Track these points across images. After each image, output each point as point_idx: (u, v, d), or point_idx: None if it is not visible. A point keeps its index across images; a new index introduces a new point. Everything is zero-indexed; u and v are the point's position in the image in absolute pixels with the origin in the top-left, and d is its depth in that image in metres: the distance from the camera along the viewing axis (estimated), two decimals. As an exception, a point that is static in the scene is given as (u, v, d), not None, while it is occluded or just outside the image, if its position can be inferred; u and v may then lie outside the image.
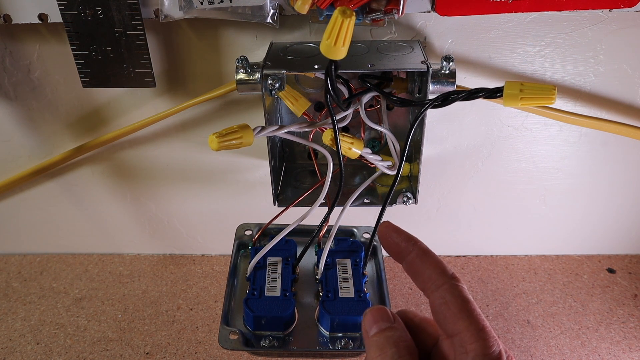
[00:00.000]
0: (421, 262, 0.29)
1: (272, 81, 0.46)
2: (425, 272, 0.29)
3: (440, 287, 0.28)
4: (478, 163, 0.62)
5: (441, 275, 0.28)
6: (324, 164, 0.50)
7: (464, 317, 0.26)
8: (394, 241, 0.30)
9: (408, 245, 0.30)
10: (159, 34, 0.52)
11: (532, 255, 0.72)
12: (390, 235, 0.31)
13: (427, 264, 0.29)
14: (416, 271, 0.29)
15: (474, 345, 0.26)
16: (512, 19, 0.50)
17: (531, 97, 0.39)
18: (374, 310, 0.30)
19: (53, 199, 0.66)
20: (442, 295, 0.28)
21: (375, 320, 0.29)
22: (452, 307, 0.27)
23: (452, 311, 0.27)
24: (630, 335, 0.60)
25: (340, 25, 0.34)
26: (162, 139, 0.60)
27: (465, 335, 0.26)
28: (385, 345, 0.28)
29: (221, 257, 0.72)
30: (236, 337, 0.43)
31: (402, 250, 0.30)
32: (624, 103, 0.56)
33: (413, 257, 0.29)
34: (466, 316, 0.27)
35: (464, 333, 0.26)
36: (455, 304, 0.27)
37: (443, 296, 0.28)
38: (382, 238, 0.31)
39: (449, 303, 0.27)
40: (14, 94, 0.57)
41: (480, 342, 0.26)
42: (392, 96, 0.47)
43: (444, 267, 0.29)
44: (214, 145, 0.40)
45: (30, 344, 0.59)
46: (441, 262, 0.29)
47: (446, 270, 0.28)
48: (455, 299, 0.27)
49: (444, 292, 0.28)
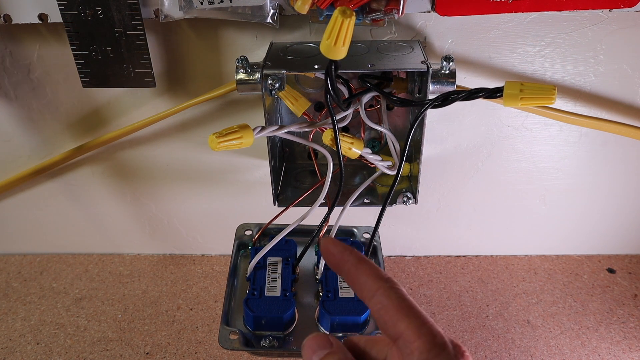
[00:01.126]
0: (356, 270, 0.29)
1: (272, 81, 0.46)
2: (361, 280, 0.28)
3: (376, 292, 0.27)
4: (478, 163, 0.62)
5: (376, 281, 0.28)
6: (324, 164, 0.50)
7: (403, 317, 0.26)
8: (331, 253, 0.30)
9: (344, 255, 0.29)
10: (159, 34, 0.52)
11: (532, 255, 0.72)
12: (328, 248, 0.30)
13: (361, 271, 0.28)
14: (353, 280, 0.29)
15: (417, 342, 0.25)
16: (512, 19, 0.50)
17: (531, 97, 0.39)
18: (310, 340, 0.29)
19: (53, 199, 0.66)
20: (379, 301, 0.27)
21: (314, 350, 0.29)
22: (390, 310, 0.26)
23: (390, 314, 0.26)
24: (630, 335, 0.60)
25: (340, 25, 0.34)
26: (162, 139, 0.60)
27: (407, 335, 0.26)
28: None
29: (221, 257, 0.72)
30: (236, 337, 0.43)
31: (339, 262, 0.30)
32: (624, 103, 0.56)
33: (349, 267, 0.29)
34: (405, 315, 0.26)
35: (405, 333, 0.26)
36: (393, 306, 0.26)
37: (380, 301, 0.27)
38: (322, 252, 0.31)
39: (386, 307, 0.27)
40: (14, 94, 0.57)
41: (423, 338, 0.25)
42: (392, 96, 0.47)
43: (379, 271, 0.28)
44: (213, 145, 0.40)
45: (30, 344, 0.59)
46: (376, 268, 0.28)
47: (380, 275, 0.28)
48: (392, 301, 0.27)
49: (380, 297, 0.27)
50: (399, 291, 0.27)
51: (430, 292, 0.66)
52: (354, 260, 0.29)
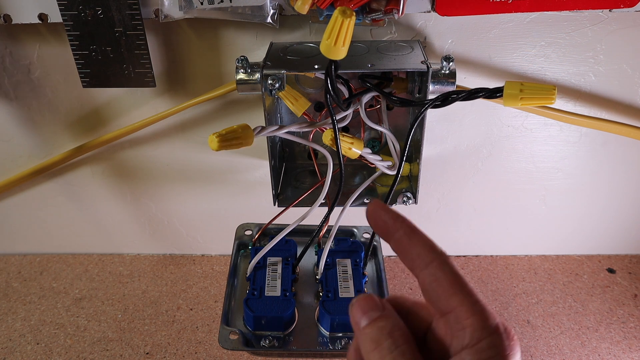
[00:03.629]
0: (409, 240, 0.27)
1: (272, 81, 0.46)
2: (414, 250, 0.27)
3: (430, 264, 0.26)
4: (478, 163, 0.62)
5: (430, 252, 0.26)
6: (324, 164, 0.50)
7: (457, 292, 0.25)
8: (381, 219, 0.28)
9: (396, 223, 0.28)
10: (159, 34, 0.52)
11: (532, 255, 0.72)
12: (378, 214, 0.29)
13: (415, 242, 0.27)
14: (404, 250, 0.28)
15: (471, 319, 0.24)
16: (512, 19, 0.50)
17: (531, 97, 0.39)
18: (360, 300, 0.28)
19: (53, 199, 0.66)
20: (433, 273, 0.26)
21: (364, 311, 0.27)
22: (444, 283, 0.25)
23: (444, 287, 0.25)
24: (630, 335, 0.60)
25: (340, 25, 0.34)
26: (162, 139, 0.60)
27: (460, 310, 0.25)
28: (380, 337, 0.26)
29: (221, 257, 0.72)
30: (236, 337, 0.43)
31: (389, 229, 0.28)
32: (624, 103, 0.56)
33: (401, 235, 0.28)
34: (459, 291, 0.25)
35: (458, 309, 0.25)
36: (447, 280, 0.25)
37: (433, 273, 0.26)
38: (370, 217, 0.29)
39: (440, 280, 0.26)
40: (14, 94, 0.57)
41: (477, 316, 0.24)
42: (392, 96, 0.47)
43: (433, 244, 0.27)
44: (214, 145, 0.40)
45: (30, 344, 0.59)
46: (430, 240, 0.27)
47: (435, 247, 0.27)
48: (447, 275, 0.26)
49: (434, 269, 0.26)
50: (453, 266, 0.26)
51: (430, 292, 0.66)
52: (406, 229, 0.28)
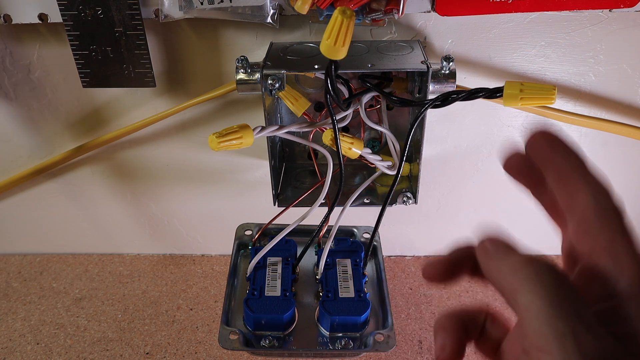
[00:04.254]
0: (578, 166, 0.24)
1: (272, 81, 0.46)
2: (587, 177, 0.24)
3: (603, 191, 0.24)
4: (478, 163, 0.62)
5: (602, 179, 0.24)
6: (324, 164, 0.50)
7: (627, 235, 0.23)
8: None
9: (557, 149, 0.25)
10: (159, 34, 0.52)
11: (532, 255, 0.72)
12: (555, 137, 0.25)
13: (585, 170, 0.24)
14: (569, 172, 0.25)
15: (634, 269, 0.22)
16: (512, 19, 0.50)
17: (531, 97, 0.39)
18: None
19: (53, 199, 0.66)
20: (604, 200, 0.25)
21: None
22: (614, 218, 0.24)
23: (614, 224, 0.24)
24: (630, 335, 0.60)
25: (340, 25, 0.34)
26: (162, 139, 0.60)
27: (625, 256, 0.22)
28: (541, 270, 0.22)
29: (221, 257, 0.72)
30: (236, 337, 0.43)
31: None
32: (624, 103, 0.56)
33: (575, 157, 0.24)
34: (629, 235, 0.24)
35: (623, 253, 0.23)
36: (618, 215, 0.25)
37: (604, 201, 0.25)
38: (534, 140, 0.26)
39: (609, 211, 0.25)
40: (14, 94, 0.57)
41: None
42: (392, 96, 0.47)
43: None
44: (213, 145, 0.40)
45: (30, 344, 0.59)
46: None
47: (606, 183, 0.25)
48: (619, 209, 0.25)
49: (606, 201, 0.25)
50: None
51: (430, 292, 0.66)
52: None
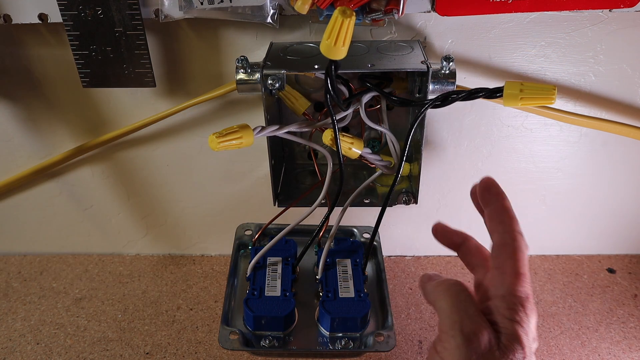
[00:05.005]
0: (500, 213, 0.38)
1: (272, 81, 0.46)
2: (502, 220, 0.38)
3: (508, 232, 0.36)
4: (478, 163, 0.62)
5: (514, 225, 0.37)
6: (324, 164, 0.51)
7: (514, 261, 0.35)
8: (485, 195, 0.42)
9: (491, 197, 0.40)
10: (159, 34, 0.52)
11: (532, 255, 0.72)
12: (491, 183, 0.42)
13: (504, 216, 0.38)
14: (493, 217, 0.39)
15: (510, 281, 0.34)
16: (512, 19, 0.50)
17: (531, 97, 0.39)
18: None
19: (53, 199, 0.66)
20: (507, 237, 0.36)
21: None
22: (509, 249, 0.35)
23: (508, 253, 0.35)
24: (630, 335, 0.60)
25: (340, 25, 0.34)
26: (162, 139, 0.60)
27: (508, 273, 0.34)
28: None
29: (221, 257, 0.72)
30: (236, 337, 0.43)
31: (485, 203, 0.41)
32: (624, 103, 0.56)
33: (499, 205, 0.39)
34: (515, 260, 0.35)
35: (508, 270, 0.34)
36: (513, 248, 0.35)
37: (506, 238, 0.36)
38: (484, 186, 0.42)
39: (507, 246, 0.35)
40: (14, 94, 0.57)
41: (516, 283, 0.34)
42: (392, 96, 0.47)
43: (518, 224, 0.37)
44: (213, 145, 0.40)
45: (30, 344, 0.59)
46: (517, 220, 0.38)
47: (518, 227, 0.37)
48: (515, 244, 0.35)
49: (509, 238, 0.36)
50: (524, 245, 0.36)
51: (430, 292, 0.66)
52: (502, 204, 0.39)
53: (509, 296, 0.33)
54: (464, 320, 0.33)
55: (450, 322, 0.33)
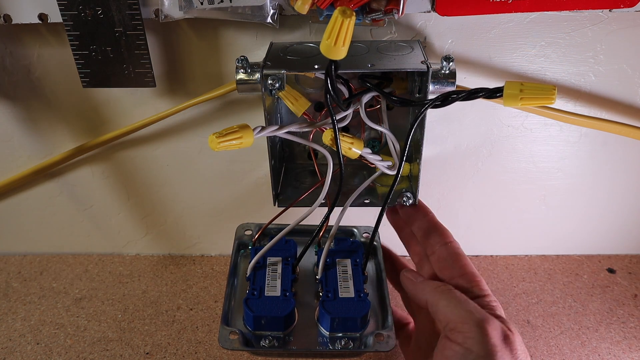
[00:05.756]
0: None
1: (272, 81, 0.46)
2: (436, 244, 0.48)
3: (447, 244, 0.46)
4: (478, 163, 0.62)
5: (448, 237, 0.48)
6: (324, 164, 0.50)
7: (467, 266, 0.46)
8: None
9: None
10: (159, 34, 0.52)
11: (532, 255, 0.72)
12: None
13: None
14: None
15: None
16: (512, 19, 0.50)
17: (531, 97, 0.39)
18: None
19: (53, 199, 0.66)
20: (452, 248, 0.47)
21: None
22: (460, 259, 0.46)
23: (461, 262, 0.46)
24: (630, 335, 0.60)
25: (340, 25, 0.34)
26: (162, 139, 0.60)
27: (470, 275, 0.45)
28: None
29: (221, 257, 0.72)
30: (236, 337, 0.43)
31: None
32: (624, 103, 0.56)
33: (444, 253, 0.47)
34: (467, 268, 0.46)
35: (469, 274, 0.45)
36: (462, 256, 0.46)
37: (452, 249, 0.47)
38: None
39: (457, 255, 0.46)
40: (14, 94, 0.57)
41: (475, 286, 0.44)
42: (392, 96, 0.47)
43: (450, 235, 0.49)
44: (213, 145, 0.40)
45: (30, 344, 0.59)
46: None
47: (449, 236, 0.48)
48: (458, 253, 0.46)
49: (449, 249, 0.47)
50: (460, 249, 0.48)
51: (430, 292, 0.66)
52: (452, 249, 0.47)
53: (480, 297, 0.42)
54: (473, 311, 0.39)
55: (462, 314, 0.39)
